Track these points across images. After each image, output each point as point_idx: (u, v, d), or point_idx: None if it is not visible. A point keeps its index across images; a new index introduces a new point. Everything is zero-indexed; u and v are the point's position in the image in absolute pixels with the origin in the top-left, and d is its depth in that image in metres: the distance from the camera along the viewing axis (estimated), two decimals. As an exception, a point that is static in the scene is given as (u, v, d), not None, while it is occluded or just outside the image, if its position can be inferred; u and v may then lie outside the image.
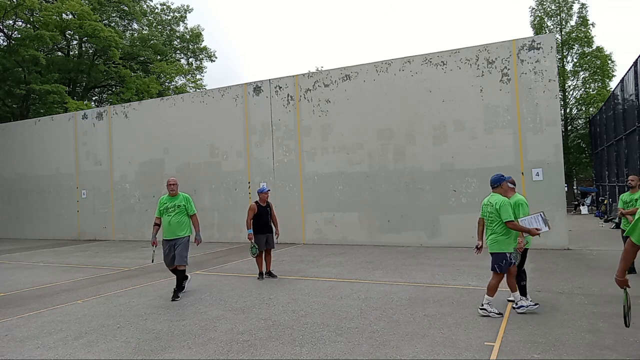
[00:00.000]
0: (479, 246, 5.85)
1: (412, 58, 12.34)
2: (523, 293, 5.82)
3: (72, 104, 23.63)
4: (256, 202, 8.47)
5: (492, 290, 5.54)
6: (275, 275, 8.42)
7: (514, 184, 6.07)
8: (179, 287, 7.15)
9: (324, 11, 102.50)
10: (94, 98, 33.56)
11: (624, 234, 7.97)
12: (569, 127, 29.90)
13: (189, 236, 7.18)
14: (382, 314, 5.79)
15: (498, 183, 5.67)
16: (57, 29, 24.65)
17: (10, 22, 25.09)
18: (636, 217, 3.19)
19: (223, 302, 6.67)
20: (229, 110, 14.82)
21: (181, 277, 7.15)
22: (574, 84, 29.73)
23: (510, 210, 5.44)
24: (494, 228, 5.53)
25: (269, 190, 8.63)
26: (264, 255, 8.43)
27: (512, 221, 5.38)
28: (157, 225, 7.21)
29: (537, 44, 11.07)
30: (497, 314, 5.44)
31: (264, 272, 8.46)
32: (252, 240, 8.23)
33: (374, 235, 12.65)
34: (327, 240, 13.18)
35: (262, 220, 8.38)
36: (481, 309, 5.54)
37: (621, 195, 8.14)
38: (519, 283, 5.80)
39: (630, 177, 7.99)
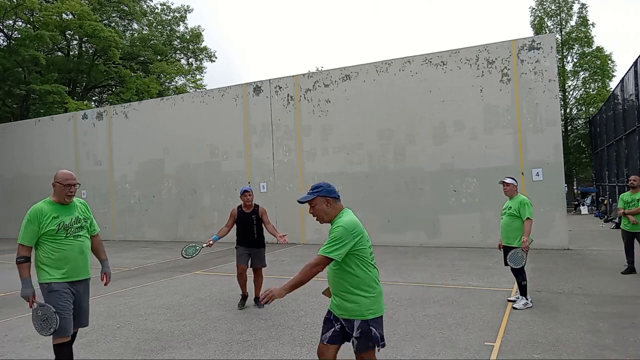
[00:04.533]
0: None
1: (412, 58, 12.34)
2: (524, 293, 5.84)
3: (72, 104, 23.63)
4: (239, 206, 6.51)
5: None
6: (262, 304, 5.20)
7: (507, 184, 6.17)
8: None
9: (324, 11, 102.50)
10: (94, 98, 33.55)
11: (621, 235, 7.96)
12: (569, 127, 29.89)
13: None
14: (382, 314, 5.78)
15: None
16: (57, 29, 24.66)
17: (10, 22, 25.10)
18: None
19: (223, 302, 6.66)
20: (229, 110, 14.82)
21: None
22: (574, 84, 29.73)
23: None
24: None
25: (247, 190, 6.35)
26: (253, 277, 6.51)
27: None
28: (28, 259, 3.84)
29: (537, 44, 11.06)
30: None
31: (247, 295, 6.48)
32: (194, 244, 6.14)
33: (374, 235, 12.58)
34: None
35: (244, 231, 6.38)
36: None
37: (621, 195, 8.11)
38: (520, 283, 5.84)
39: (632, 177, 7.95)
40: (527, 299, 5.83)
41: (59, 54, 29.00)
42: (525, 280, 5.85)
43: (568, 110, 29.76)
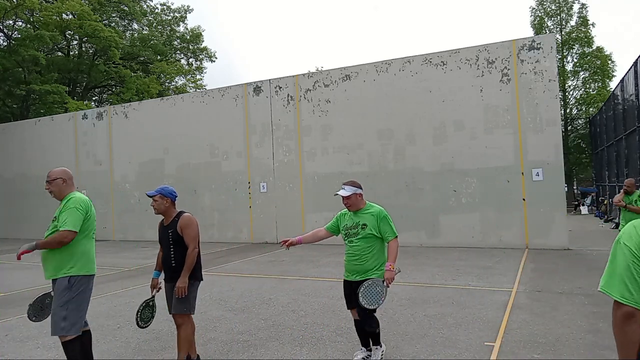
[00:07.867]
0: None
1: (412, 58, 12.34)
2: (378, 341, 4.17)
3: (72, 104, 23.65)
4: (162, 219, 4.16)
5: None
6: None
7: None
8: None
9: (324, 11, 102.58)
10: (94, 98, 33.57)
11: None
12: (569, 127, 29.91)
13: (70, 278, 3.60)
14: (382, 314, 5.78)
15: None
16: (57, 29, 24.67)
17: (10, 22, 25.11)
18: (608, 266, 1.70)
19: (223, 302, 6.67)
20: (229, 110, 14.82)
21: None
22: (574, 84, 29.76)
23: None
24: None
25: (157, 194, 3.98)
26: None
27: None
28: None
29: (537, 44, 11.07)
30: None
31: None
32: (152, 292, 4.26)
33: (374, 235, 12.62)
34: (327, 240, 13.15)
35: (163, 255, 4.07)
36: None
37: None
38: (374, 331, 4.05)
39: (626, 182, 7.53)
40: (382, 346, 4.19)
41: (59, 54, 29.01)
42: (379, 326, 4.05)
43: (568, 110, 29.78)
